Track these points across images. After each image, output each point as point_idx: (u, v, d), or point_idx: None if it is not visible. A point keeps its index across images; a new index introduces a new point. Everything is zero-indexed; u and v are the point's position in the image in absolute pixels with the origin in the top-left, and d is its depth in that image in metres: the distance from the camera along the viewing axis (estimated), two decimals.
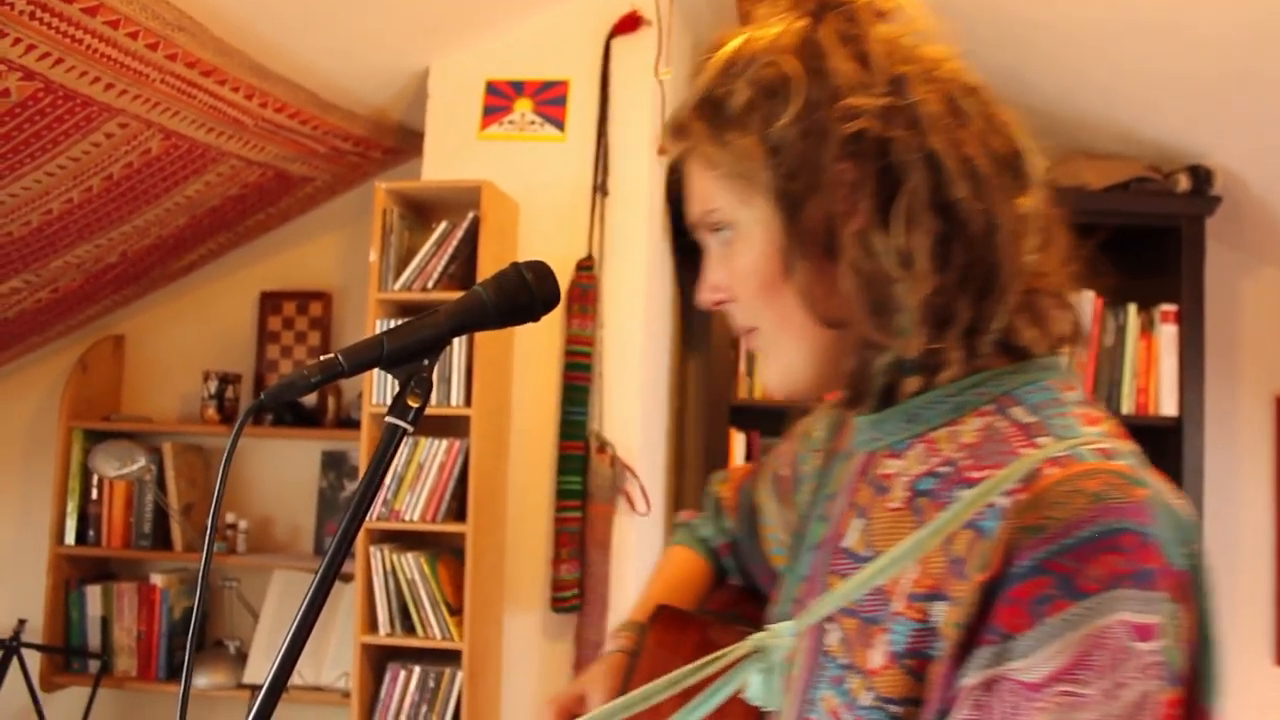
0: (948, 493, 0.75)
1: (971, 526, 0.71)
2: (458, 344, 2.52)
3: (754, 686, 0.75)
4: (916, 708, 0.72)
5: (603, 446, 2.63)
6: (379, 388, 2.56)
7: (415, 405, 1.02)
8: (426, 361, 1.04)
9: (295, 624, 0.95)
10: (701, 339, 3.08)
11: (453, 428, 2.55)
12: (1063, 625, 0.65)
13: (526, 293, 1.07)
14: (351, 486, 3.26)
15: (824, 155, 0.77)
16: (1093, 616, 0.65)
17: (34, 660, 3.16)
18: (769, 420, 3.03)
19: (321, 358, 1.02)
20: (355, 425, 3.15)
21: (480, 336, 2.52)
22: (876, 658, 0.74)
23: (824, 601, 0.76)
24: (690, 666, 0.72)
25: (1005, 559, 0.68)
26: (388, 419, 0.99)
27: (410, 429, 1.01)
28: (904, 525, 0.78)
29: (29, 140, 2.29)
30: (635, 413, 2.67)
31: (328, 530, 3.27)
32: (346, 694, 2.96)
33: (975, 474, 0.74)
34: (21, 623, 3.23)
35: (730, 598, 1.17)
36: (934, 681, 0.71)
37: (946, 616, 0.70)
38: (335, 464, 3.30)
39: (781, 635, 0.73)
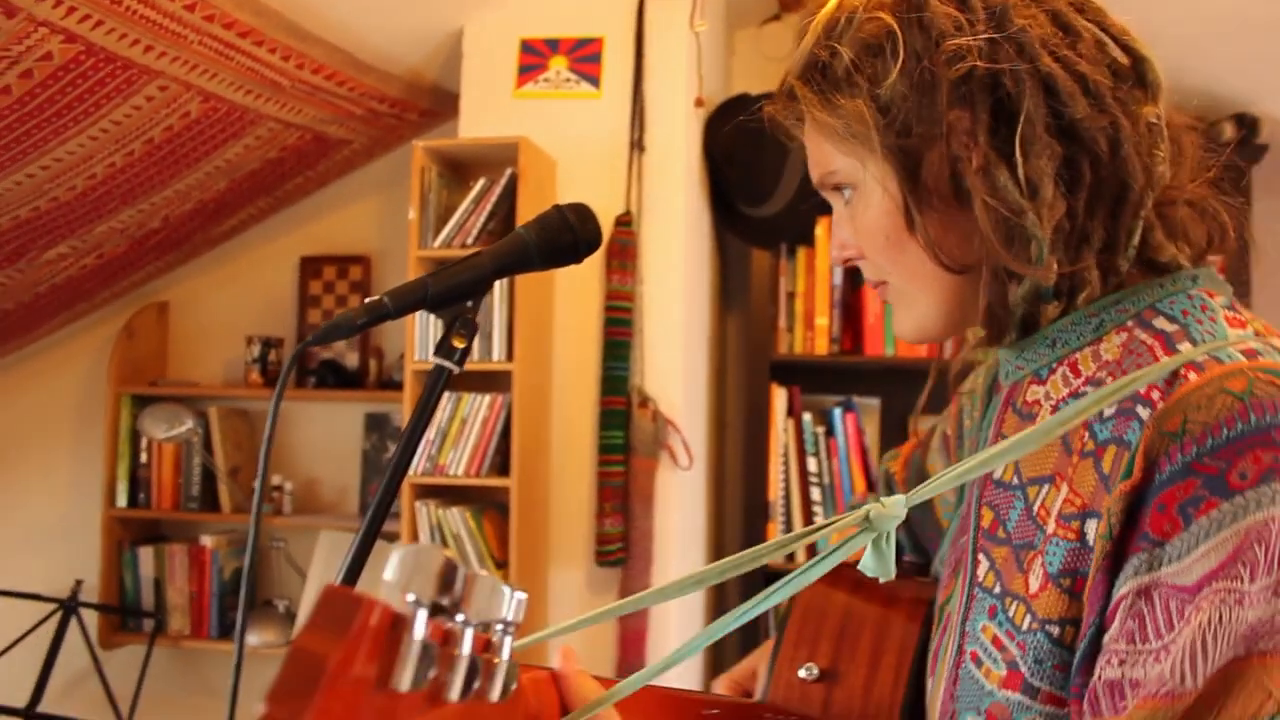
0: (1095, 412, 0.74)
1: (1115, 441, 0.71)
2: (499, 299, 2.53)
3: (866, 557, 0.75)
4: (1075, 628, 0.71)
5: (644, 401, 2.64)
6: (421, 345, 2.58)
7: (461, 346, 1.03)
8: (471, 303, 1.04)
9: (342, 575, 0.96)
10: (740, 295, 3.07)
11: (495, 383, 2.56)
12: (1214, 524, 0.64)
13: (569, 233, 1.07)
14: (395, 448, 3.29)
15: (936, 105, 0.77)
16: (1246, 513, 0.64)
17: (91, 620, 3.23)
18: (810, 376, 3.03)
19: (367, 300, 1.02)
20: (397, 387, 3.18)
21: (521, 292, 2.53)
22: (1033, 582, 0.75)
23: (944, 478, 0.73)
24: (800, 531, 0.72)
25: (1149, 466, 0.67)
26: (433, 359, 1.00)
27: (456, 369, 1.02)
28: (1051, 450, 0.78)
29: (72, 104, 2.32)
30: (676, 367, 2.67)
31: (372, 491, 3.30)
32: None
33: None
34: (78, 583, 3.30)
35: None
36: (1087, 596, 0.71)
37: (1097, 529, 0.70)
38: (378, 426, 3.33)
39: (893, 507, 0.72)
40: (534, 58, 2.79)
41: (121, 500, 3.32)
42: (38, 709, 3.11)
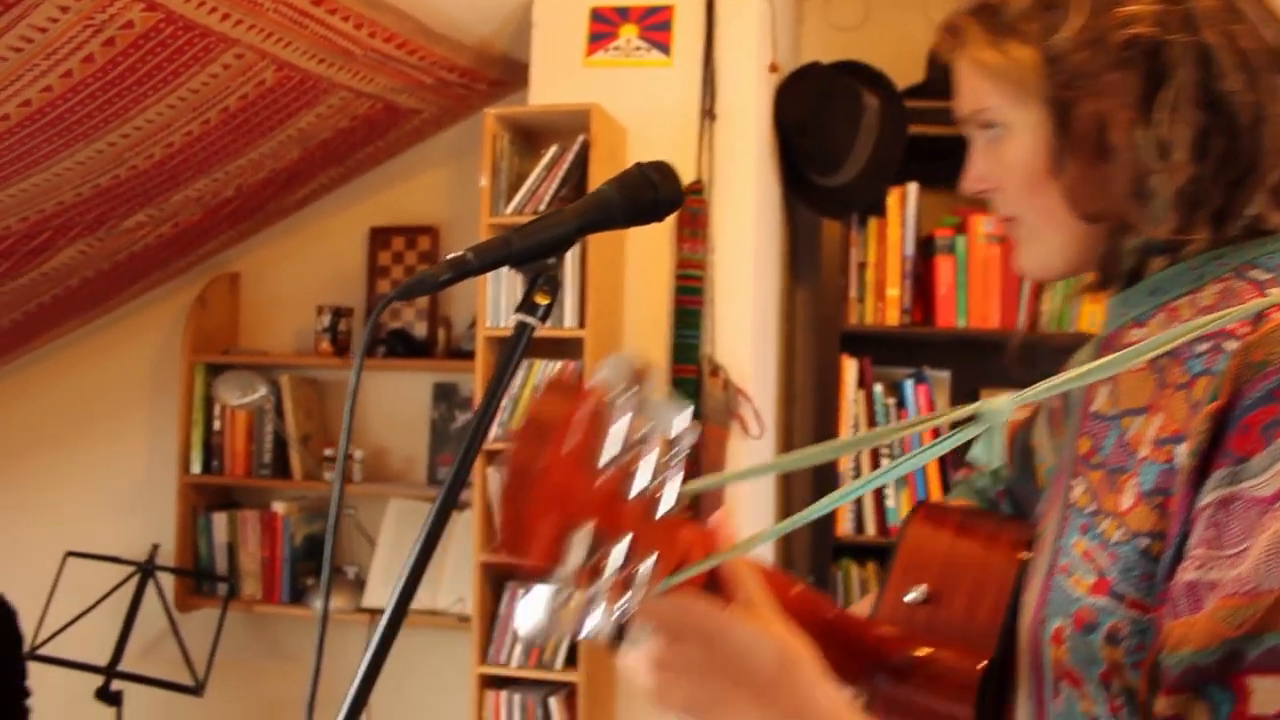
0: (1189, 349, 0.79)
1: (1205, 373, 0.76)
2: (570, 266, 2.53)
3: (975, 448, 0.85)
4: (1163, 542, 0.76)
5: (715, 370, 2.63)
6: (493, 312, 2.59)
7: (544, 302, 1.03)
8: (553, 260, 1.04)
9: (419, 545, 0.97)
10: (810, 265, 3.05)
11: (566, 350, 2.57)
12: None
13: (651, 191, 1.07)
14: (463, 418, 3.31)
15: (1100, 63, 0.82)
16: None
17: (168, 583, 3.30)
18: (881, 347, 3.00)
19: (450, 255, 1.03)
20: (465, 356, 3.19)
21: (592, 259, 2.52)
22: (1125, 499, 0.80)
23: (1048, 385, 0.78)
24: (909, 420, 0.77)
25: (1235, 391, 0.73)
26: (516, 316, 1.00)
27: (539, 325, 1.02)
28: (1147, 385, 0.83)
29: (152, 72, 2.35)
30: (747, 337, 2.66)
31: (440, 460, 3.33)
32: (463, 618, 3.03)
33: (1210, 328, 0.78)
34: (155, 547, 3.37)
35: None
36: (1172, 510, 0.75)
37: (1185, 449, 0.75)
38: (446, 395, 3.35)
39: (1002, 402, 0.76)
40: (604, 26, 2.78)
41: (196, 467, 3.38)
42: (118, 667, 3.18)
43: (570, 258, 2.46)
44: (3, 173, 2.47)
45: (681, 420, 0.62)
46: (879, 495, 2.91)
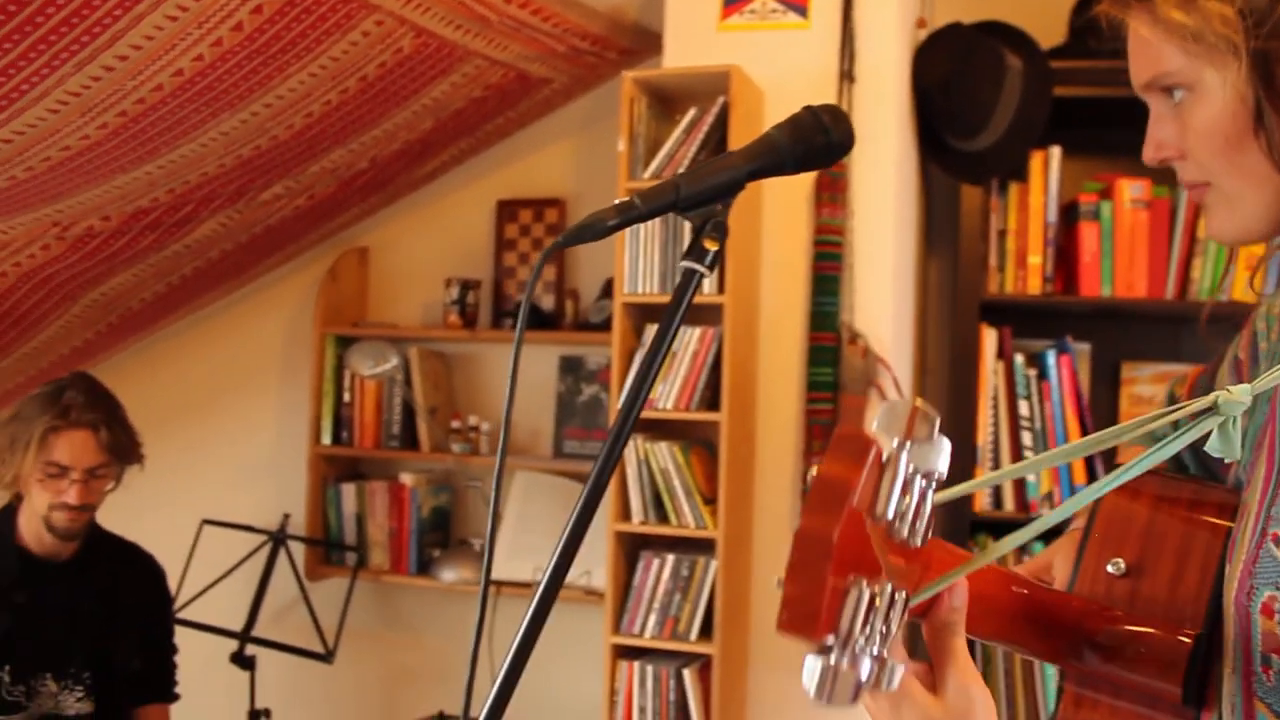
0: None
1: None
2: None
3: (1213, 439, 0.78)
4: None
5: (854, 337, 2.57)
6: (630, 277, 2.57)
7: (713, 249, 1.00)
8: (721, 205, 1.01)
9: (577, 513, 0.94)
10: (947, 232, 2.97)
11: (705, 316, 2.54)
12: None
13: (823, 134, 1.03)
14: (590, 390, 3.30)
15: None
16: None
17: (299, 552, 3.36)
18: (1022, 317, 2.90)
19: (617, 201, 1.00)
20: (593, 328, 3.19)
21: (731, 224, 2.48)
22: None
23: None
24: (1151, 414, 0.76)
25: None
26: (683, 263, 0.97)
27: (707, 272, 0.99)
28: None
29: (295, 40, 2.37)
30: (886, 304, 2.60)
31: (566, 434, 3.33)
32: (590, 591, 3.02)
33: None
34: (286, 517, 3.43)
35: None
36: None
37: None
38: (573, 368, 3.35)
39: (1239, 394, 0.74)
40: None
41: (326, 438, 3.43)
42: (252, 633, 3.25)
43: None
44: (154, 144, 2.52)
45: (944, 458, 0.62)
46: None
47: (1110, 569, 0.95)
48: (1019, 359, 2.83)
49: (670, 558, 2.56)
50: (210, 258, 3.18)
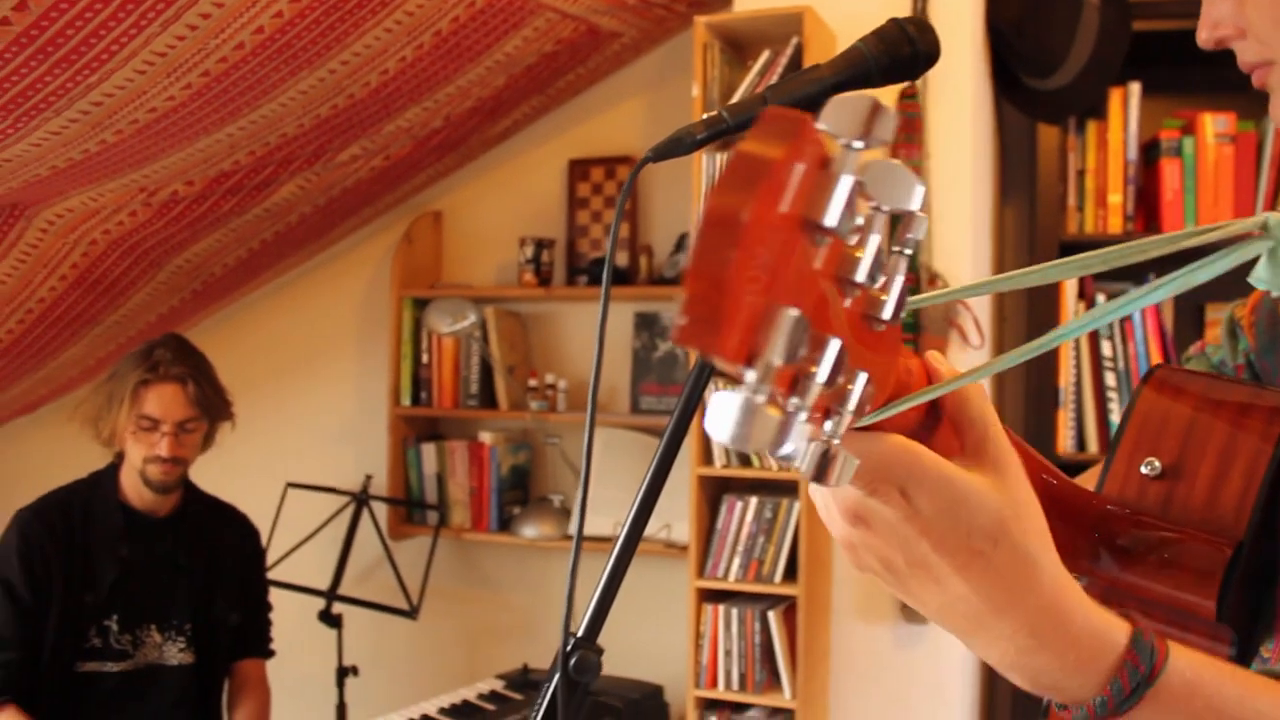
0: None
1: None
2: None
3: (1259, 267, 0.68)
4: None
5: (934, 278, 2.56)
6: None
7: None
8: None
9: (653, 470, 0.95)
10: (1023, 173, 2.93)
11: None
12: None
13: (908, 45, 1.03)
14: (665, 346, 3.31)
15: None
16: None
17: (381, 512, 3.42)
18: None
19: (706, 115, 1.00)
20: (667, 284, 3.20)
21: None
22: None
23: None
24: (1188, 230, 0.65)
25: None
26: None
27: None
28: None
29: None
30: (965, 244, 2.58)
31: (643, 389, 3.34)
32: (670, 544, 3.04)
33: None
34: (368, 478, 3.49)
35: None
36: None
37: None
38: (648, 325, 3.36)
39: None
40: None
41: (405, 399, 3.48)
42: (338, 591, 3.31)
43: None
44: (236, 104, 2.57)
45: (916, 197, 0.47)
46: (1102, 408, 2.78)
47: (1144, 470, 0.87)
48: (1100, 299, 2.79)
49: (753, 500, 2.57)
50: (289, 222, 3.24)
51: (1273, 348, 1.08)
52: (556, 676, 1.00)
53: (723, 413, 0.42)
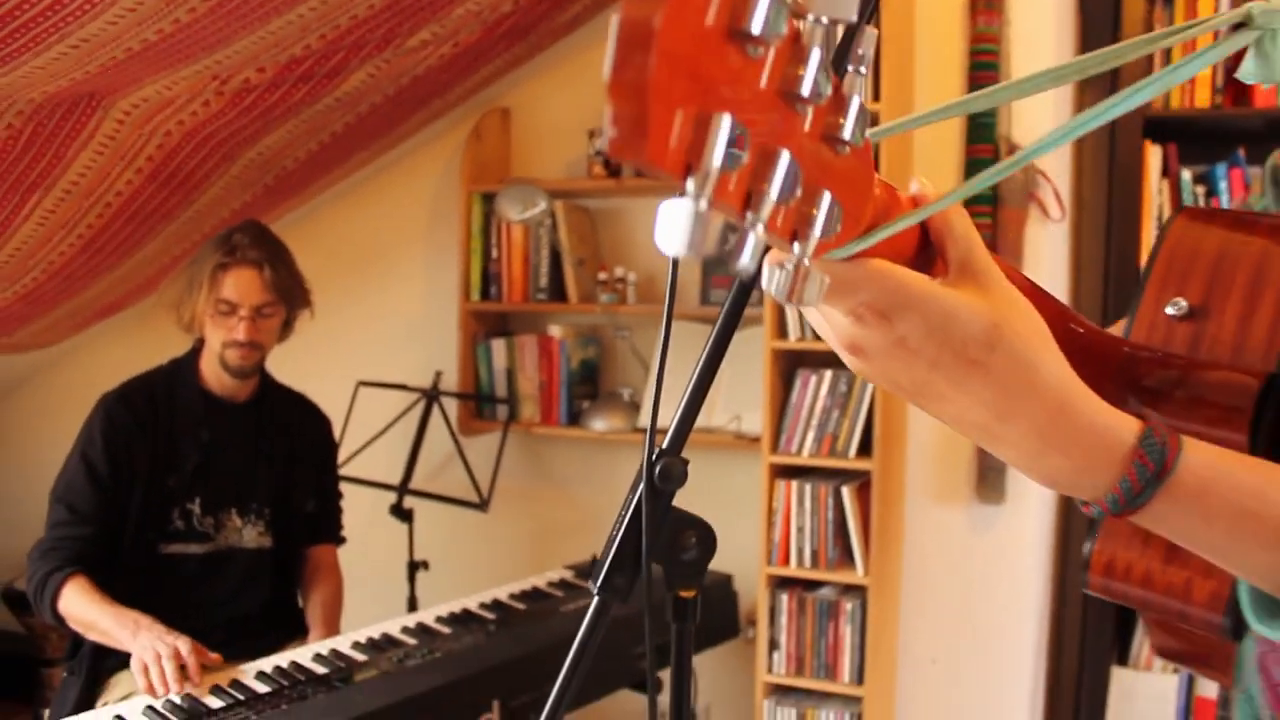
0: None
1: None
2: None
3: (1246, 61, 0.65)
4: None
5: (1013, 150, 2.50)
6: None
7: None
8: None
9: (704, 359, 0.92)
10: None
11: None
12: None
13: None
14: (734, 238, 3.28)
15: None
16: None
17: (451, 408, 3.44)
18: (1188, 134, 2.78)
19: None
20: None
21: (883, 33, 2.43)
22: None
23: None
24: (1169, 29, 0.63)
25: None
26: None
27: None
28: None
29: None
30: (1046, 114, 2.52)
31: (713, 283, 3.32)
32: (739, 436, 3.03)
33: None
34: (439, 374, 3.52)
35: None
36: None
37: None
38: None
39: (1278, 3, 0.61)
40: None
41: (475, 294, 3.49)
42: (409, 486, 3.35)
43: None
44: None
45: (850, 5, 0.45)
46: None
47: (1170, 310, 0.83)
48: (1185, 175, 2.72)
49: (828, 374, 2.55)
50: (360, 112, 3.24)
51: None
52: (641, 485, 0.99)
53: (668, 221, 0.42)
